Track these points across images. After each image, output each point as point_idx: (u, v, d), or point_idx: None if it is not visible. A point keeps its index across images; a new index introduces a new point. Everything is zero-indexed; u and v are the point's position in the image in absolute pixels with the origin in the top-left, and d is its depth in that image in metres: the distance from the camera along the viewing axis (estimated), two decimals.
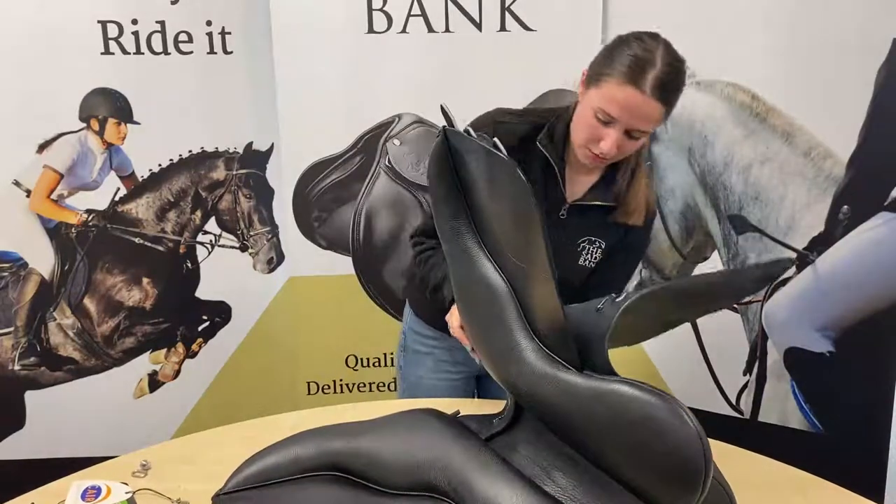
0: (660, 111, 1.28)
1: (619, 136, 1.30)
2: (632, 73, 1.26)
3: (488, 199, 1.06)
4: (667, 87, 1.27)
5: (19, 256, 2.20)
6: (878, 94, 1.88)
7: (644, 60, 1.26)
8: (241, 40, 2.17)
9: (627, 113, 1.28)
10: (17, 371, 2.24)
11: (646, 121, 1.29)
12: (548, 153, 1.41)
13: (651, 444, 0.86)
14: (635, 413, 0.87)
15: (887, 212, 1.93)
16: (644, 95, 1.25)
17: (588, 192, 1.43)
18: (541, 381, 0.99)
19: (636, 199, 1.43)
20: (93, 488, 1.25)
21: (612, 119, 1.29)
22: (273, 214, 2.32)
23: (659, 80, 1.25)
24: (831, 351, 2.05)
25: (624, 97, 1.26)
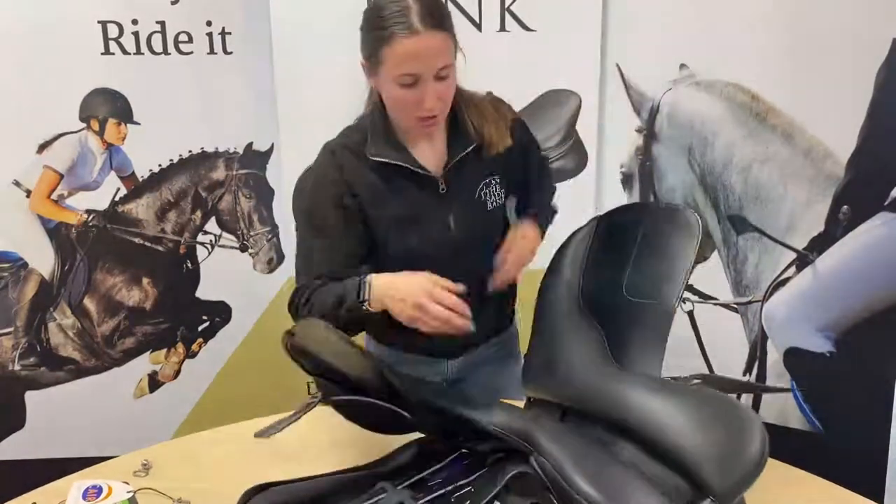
0: (445, 38, 1.29)
1: (432, 86, 1.29)
2: (397, 27, 1.25)
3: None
4: (434, 15, 1.27)
5: (19, 256, 2.20)
6: (878, 94, 1.89)
7: (396, 9, 1.26)
8: (241, 40, 2.17)
9: (423, 60, 1.27)
10: (17, 371, 2.24)
11: (440, 55, 1.28)
12: (383, 157, 1.39)
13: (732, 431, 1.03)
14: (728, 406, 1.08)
15: (887, 212, 1.93)
16: (420, 35, 1.25)
17: (448, 152, 1.42)
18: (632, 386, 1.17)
19: (489, 126, 1.43)
20: (94, 488, 1.26)
21: (415, 75, 1.28)
22: (273, 214, 2.32)
23: (422, 14, 1.25)
24: (831, 351, 2.05)
25: (406, 49, 1.26)
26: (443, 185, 1.42)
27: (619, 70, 2.16)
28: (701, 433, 1.05)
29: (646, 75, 2.15)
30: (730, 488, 0.99)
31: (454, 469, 1.17)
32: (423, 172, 1.40)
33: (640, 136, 2.20)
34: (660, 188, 2.20)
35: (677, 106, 2.13)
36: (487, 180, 1.46)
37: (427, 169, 1.41)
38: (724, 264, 2.16)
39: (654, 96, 2.15)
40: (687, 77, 2.10)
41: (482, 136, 1.42)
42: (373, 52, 1.30)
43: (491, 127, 1.43)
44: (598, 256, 1.38)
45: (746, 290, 2.15)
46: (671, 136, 2.15)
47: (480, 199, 1.45)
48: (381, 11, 1.28)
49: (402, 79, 1.28)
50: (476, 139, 1.42)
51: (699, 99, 2.09)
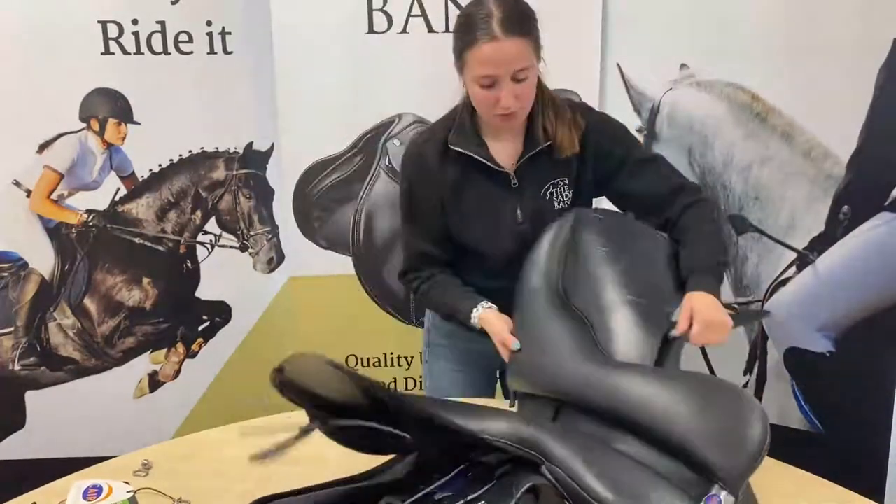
0: (524, 44, 1.38)
1: (509, 86, 1.39)
2: (479, 32, 1.36)
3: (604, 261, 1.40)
4: (514, 21, 1.37)
5: (19, 256, 2.20)
6: (878, 95, 1.89)
7: (480, 16, 1.37)
8: (241, 40, 2.17)
9: (500, 65, 1.37)
10: (17, 371, 2.24)
11: (518, 60, 1.37)
12: (462, 148, 1.50)
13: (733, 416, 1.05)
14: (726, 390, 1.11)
15: (887, 212, 1.93)
16: (499, 41, 1.35)
17: (523, 150, 1.51)
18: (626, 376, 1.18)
19: (560, 133, 1.50)
20: (94, 487, 1.26)
21: (493, 76, 1.38)
22: (273, 214, 2.32)
23: (502, 20, 1.36)
24: (831, 351, 2.05)
25: (487, 55, 1.37)
26: (514, 180, 1.52)
27: (619, 70, 2.16)
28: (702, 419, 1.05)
29: (646, 75, 2.15)
30: (736, 473, 0.99)
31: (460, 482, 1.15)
32: (495, 167, 1.50)
33: (640, 136, 2.20)
34: None
35: (677, 106, 2.13)
36: (555, 181, 1.53)
37: (499, 164, 1.51)
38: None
39: (654, 96, 2.15)
40: (687, 77, 2.10)
41: (553, 137, 1.50)
42: (459, 55, 1.42)
43: (564, 130, 1.50)
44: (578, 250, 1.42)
45: (746, 290, 2.15)
46: (671, 136, 2.15)
47: (547, 198, 1.53)
48: (468, 18, 1.40)
49: (482, 80, 1.39)
50: (547, 140, 1.50)
51: (699, 99, 2.09)
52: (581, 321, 1.33)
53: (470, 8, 1.42)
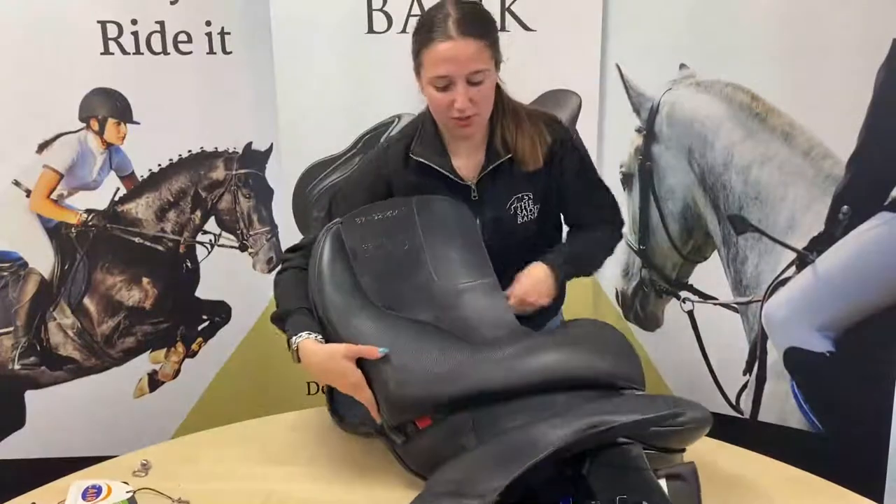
0: (479, 46, 1.37)
1: (463, 89, 1.38)
2: (432, 32, 1.37)
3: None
4: (470, 23, 1.37)
5: (19, 256, 2.20)
6: (878, 94, 1.88)
7: (436, 16, 1.38)
8: (241, 40, 2.17)
9: (451, 65, 1.37)
10: (17, 371, 2.24)
11: (473, 61, 1.37)
12: (424, 159, 1.49)
13: (616, 342, 1.36)
14: (599, 328, 1.41)
15: (887, 212, 1.93)
16: (452, 41, 1.35)
17: (484, 162, 1.50)
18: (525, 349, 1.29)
19: (521, 143, 1.48)
20: (93, 487, 1.26)
21: (446, 78, 1.38)
22: (273, 214, 2.32)
23: (459, 21, 1.36)
24: (831, 351, 2.05)
25: (440, 54, 1.36)
26: (475, 193, 1.51)
27: (619, 70, 2.16)
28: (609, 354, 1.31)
29: (646, 75, 2.15)
30: (641, 376, 1.32)
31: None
32: (456, 179, 1.49)
33: (640, 136, 2.20)
34: (659, 188, 2.20)
35: (677, 106, 2.13)
36: (520, 195, 1.52)
37: (461, 176, 1.50)
38: (724, 264, 2.16)
39: (654, 96, 2.15)
40: (687, 77, 2.10)
41: (514, 149, 1.49)
42: (416, 55, 1.43)
43: (525, 143, 1.49)
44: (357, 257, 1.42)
45: (746, 290, 2.15)
46: (671, 136, 2.15)
47: (510, 212, 1.52)
48: (426, 19, 1.41)
49: (437, 81, 1.39)
50: (508, 152, 1.49)
51: (699, 99, 2.09)
52: (417, 322, 1.34)
53: (430, 10, 1.43)
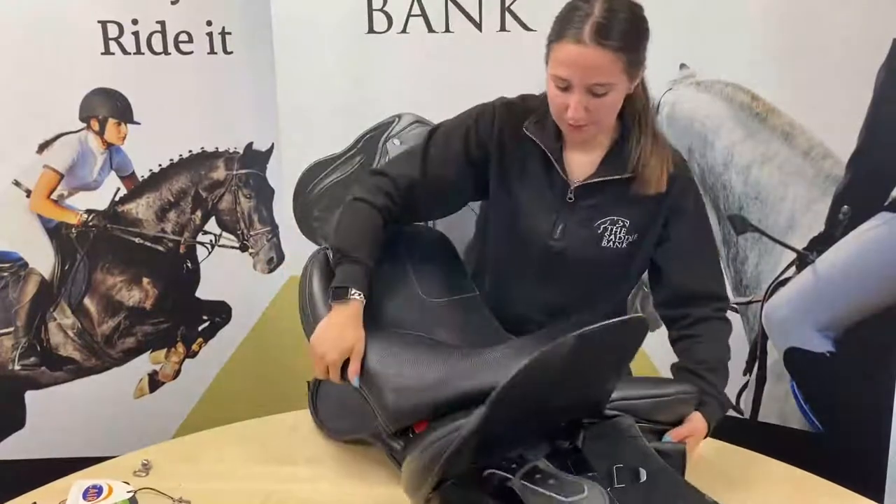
0: (610, 58, 1.25)
1: (580, 97, 1.27)
2: (568, 30, 1.26)
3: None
4: (608, 32, 1.24)
5: (19, 256, 2.20)
6: (878, 94, 1.89)
7: (579, 14, 1.26)
8: (241, 40, 2.17)
9: (575, 70, 1.26)
10: (17, 371, 2.24)
11: (598, 72, 1.26)
12: (536, 138, 1.39)
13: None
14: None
15: (887, 212, 1.93)
16: (583, 46, 1.24)
17: (597, 169, 1.38)
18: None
19: (651, 165, 1.36)
20: (94, 487, 1.26)
21: (567, 81, 1.28)
22: (273, 214, 2.32)
23: (596, 27, 1.24)
24: (831, 351, 2.05)
25: (566, 55, 1.26)
26: (571, 195, 1.39)
27: None
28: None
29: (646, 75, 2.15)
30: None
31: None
32: (560, 172, 1.39)
33: None
34: None
35: (677, 106, 2.13)
36: (614, 218, 1.39)
37: (567, 171, 1.39)
38: (724, 264, 2.16)
39: (654, 96, 2.14)
40: (687, 77, 2.10)
41: (639, 169, 1.36)
42: (548, 43, 1.31)
43: (657, 164, 1.36)
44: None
45: (746, 290, 2.15)
46: (671, 136, 2.14)
47: (597, 231, 1.39)
48: (569, 11, 1.29)
49: (556, 80, 1.29)
50: (630, 170, 1.37)
51: (699, 99, 2.09)
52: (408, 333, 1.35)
53: (577, 1, 1.30)
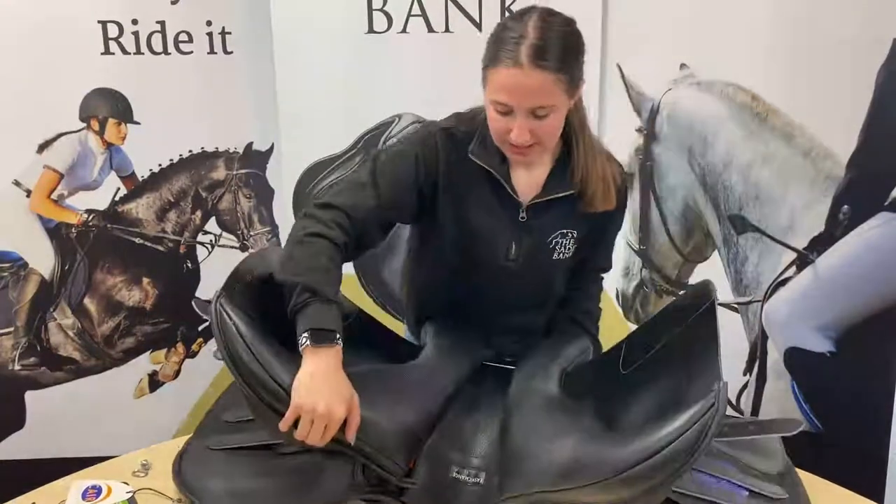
0: (550, 80, 1.21)
1: (523, 121, 1.24)
2: (504, 53, 1.21)
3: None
4: (545, 54, 1.20)
5: (19, 256, 2.20)
6: (878, 94, 1.89)
7: (513, 36, 1.21)
8: (241, 40, 2.17)
9: (515, 94, 1.22)
10: (17, 371, 2.24)
11: (539, 95, 1.22)
12: (483, 162, 1.35)
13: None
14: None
15: (887, 212, 1.94)
16: (522, 69, 1.20)
17: (544, 186, 1.37)
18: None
19: (595, 182, 1.35)
20: (93, 488, 1.26)
21: (507, 106, 1.24)
22: (273, 214, 2.32)
23: (533, 49, 1.20)
24: (831, 351, 2.05)
25: (504, 80, 1.22)
26: (523, 215, 1.37)
27: (620, 70, 2.16)
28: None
29: (646, 75, 2.15)
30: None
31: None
32: (511, 193, 1.36)
33: (640, 136, 2.19)
34: (660, 188, 2.20)
35: (677, 106, 2.13)
36: (565, 231, 1.39)
37: (517, 192, 1.37)
38: (724, 264, 2.16)
39: (654, 96, 2.15)
40: (687, 77, 2.10)
41: (583, 189, 1.36)
42: (484, 67, 1.27)
43: (598, 184, 1.35)
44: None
45: (746, 290, 2.15)
46: (671, 136, 2.15)
47: (550, 245, 1.40)
48: (502, 32, 1.25)
49: (496, 105, 1.25)
50: (575, 188, 1.36)
51: (699, 99, 2.09)
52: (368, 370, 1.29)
53: (509, 21, 1.26)
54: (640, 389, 1.20)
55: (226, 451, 1.34)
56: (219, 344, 1.14)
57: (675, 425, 1.03)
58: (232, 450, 1.34)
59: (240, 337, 1.13)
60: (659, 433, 1.04)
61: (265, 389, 1.12)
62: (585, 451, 1.11)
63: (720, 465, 1.28)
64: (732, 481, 1.26)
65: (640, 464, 1.03)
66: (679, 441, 1.02)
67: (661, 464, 1.02)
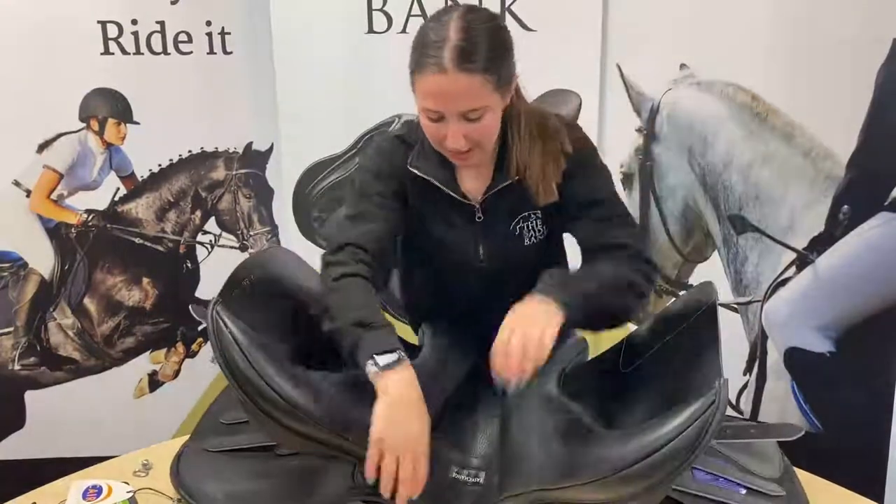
0: (478, 82, 1.16)
1: (456, 126, 1.19)
2: (427, 59, 1.17)
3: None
4: (470, 55, 1.15)
5: (19, 256, 2.20)
6: (878, 94, 1.89)
7: (435, 39, 1.17)
8: (241, 40, 2.17)
9: (444, 100, 1.18)
10: (17, 371, 2.24)
11: (467, 99, 1.17)
12: (423, 173, 1.31)
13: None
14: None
15: (887, 212, 1.94)
16: (447, 75, 1.15)
17: (491, 181, 1.32)
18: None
19: (534, 177, 1.28)
20: (94, 488, 1.26)
21: (438, 112, 1.19)
22: (273, 214, 2.32)
23: (457, 52, 1.15)
24: (831, 351, 2.05)
25: (431, 87, 1.18)
26: (479, 214, 1.33)
27: (619, 70, 2.16)
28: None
29: (646, 75, 2.15)
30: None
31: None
32: (459, 198, 1.32)
33: (640, 136, 2.19)
34: (660, 188, 2.20)
35: (677, 106, 2.13)
36: (526, 214, 1.33)
37: (465, 195, 1.33)
38: (724, 264, 2.16)
39: (654, 96, 2.15)
40: (687, 77, 2.10)
41: (524, 175, 1.29)
42: (411, 73, 1.23)
43: (536, 170, 1.28)
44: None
45: (746, 290, 2.15)
46: (671, 136, 2.15)
47: (516, 233, 1.34)
48: (424, 36, 1.20)
49: (427, 112, 1.21)
50: (517, 175, 1.30)
51: (699, 99, 2.08)
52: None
53: (430, 23, 1.21)
54: (640, 389, 1.20)
55: (224, 453, 1.34)
56: (215, 351, 1.14)
57: (675, 423, 1.03)
58: (230, 451, 1.34)
59: (236, 344, 1.13)
60: (659, 431, 1.04)
61: (262, 397, 1.13)
62: (585, 450, 1.11)
63: (718, 463, 1.27)
64: (730, 479, 1.26)
65: (640, 462, 1.03)
66: (679, 439, 1.02)
67: (660, 462, 1.02)
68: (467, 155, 1.24)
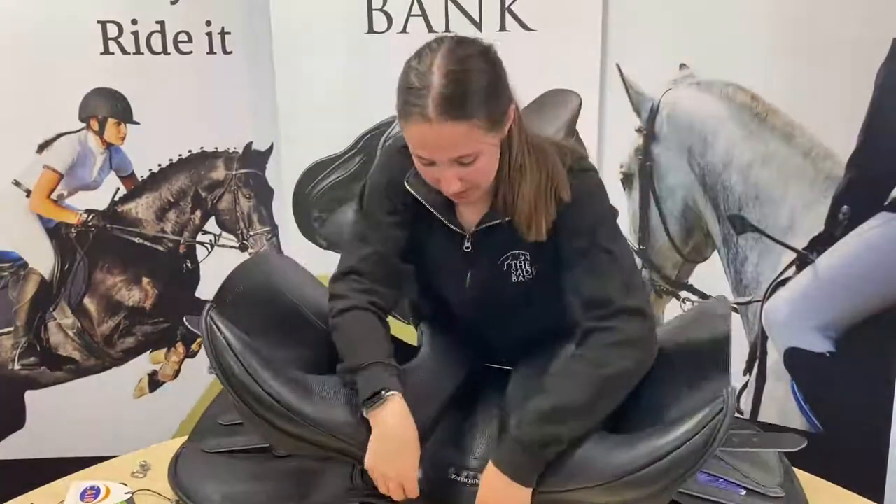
0: (464, 130, 1.10)
1: (449, 171, 1.14)
2: (411, 107, 1.10)
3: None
4: (456, 102, 1.09)
5: (19, 256, 2.20)
6: (878, 94, 1.88)
7: (419, 87, 1.10)
8: (241, 40, 2.17)
9: (431, 150, 1.13)
10: (17, 371, 2.24)
11: (457, 147, 1.12)
12: (420, 196, 1.27)
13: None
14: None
15: (887, 212, 1.93)
16: (431, 125, 1.09)
17: (485, 213, 1.27)
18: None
19: (523, 215, 1.22)
20: (92, 489, 1.26)
21: (429, 160, 1.15)
22: (273, 214, 2.32)
23: (441, 99, 1.08)
24: (831, 351, 2.05)
25: (418, 137, 1.13)
26: (468, 244, 1.29)
27: (619, 70, 2.16)
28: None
29: (646, 75, 2.15)
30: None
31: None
32: (450, 224, 1.28)
33: (640, 136, 2.19)
34: (660, 188, 2.20)
35: (677, 106, 2.12)
36: (515, 253, 1.28)
37: (457, 224, 1.29)
38: (724, 264, 2.16)
39: (654, 96, 2.15)
40: (687, 77, 2.10)
41: (512, 214, 1.24)
42: (398, 114, 1.16)
43: (525, 207, 1.22)
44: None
45: (746, 290, 2.15)
46: (671, 136, 2.15)
47: (503, 269, 1.29)
48: (407, 80, 1.13)
49: (419, 158, 1.17)
50: (507, 215, 1.24)
51: (699, 99, 2.08)
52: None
53: (414, 62, 1.14)
54: (644, 392, 1.20)
55: (221, 455, 1.34)
56: (210, 357, 1.15)
57: (682, 430, 1.03)
58: (228, 453, 1.34)
59: (230, 349, 1.14)
60: (666, 437, 1.04)
61: (258, 401, 1.13)
62: (590, 453, 1.11)
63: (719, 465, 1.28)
64: (730, 480, 1.26)
65: (647, 467, 1.03)
66: (686, 446, 1.02)
67: (666, 468, 1.02)
68: (465, 194, 1.20)
